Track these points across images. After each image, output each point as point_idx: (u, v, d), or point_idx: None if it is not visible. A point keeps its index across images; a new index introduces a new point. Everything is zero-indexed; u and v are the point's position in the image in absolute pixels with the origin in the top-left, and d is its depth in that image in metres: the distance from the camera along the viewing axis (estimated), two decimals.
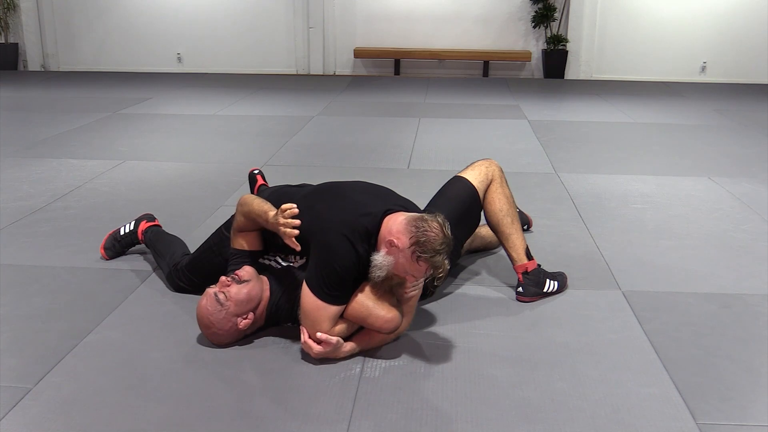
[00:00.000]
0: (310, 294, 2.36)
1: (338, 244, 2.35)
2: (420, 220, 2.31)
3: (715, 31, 9.75)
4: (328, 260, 2.35)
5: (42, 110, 7.15)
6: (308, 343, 2.37)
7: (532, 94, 8.50)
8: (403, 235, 2.29)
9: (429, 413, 2.13)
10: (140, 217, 3.36)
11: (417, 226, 2.29)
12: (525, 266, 2.89)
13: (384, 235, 2.35)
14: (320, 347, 2.35)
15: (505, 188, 2.95)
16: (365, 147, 5.65)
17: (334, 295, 2.36)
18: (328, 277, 2.34)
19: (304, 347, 2.40)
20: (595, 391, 2.26)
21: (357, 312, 2.40)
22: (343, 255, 2.35)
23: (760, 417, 2.15)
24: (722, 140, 6.03)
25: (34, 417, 2.10)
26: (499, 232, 2.93)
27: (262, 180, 3.69)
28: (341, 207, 2.48)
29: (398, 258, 2.31)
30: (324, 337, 2.34)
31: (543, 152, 5.51)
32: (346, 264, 2.35)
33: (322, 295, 2.35)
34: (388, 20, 10.18)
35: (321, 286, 2.35)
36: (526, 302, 2.89)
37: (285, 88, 8.93)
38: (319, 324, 2.35)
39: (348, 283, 2.38)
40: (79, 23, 10.47)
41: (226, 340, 2.49)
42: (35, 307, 2.80)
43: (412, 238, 2.27)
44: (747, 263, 3.33)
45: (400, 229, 2.31)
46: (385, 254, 2.33)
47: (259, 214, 2.50)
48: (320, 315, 2.35)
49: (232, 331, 2.46)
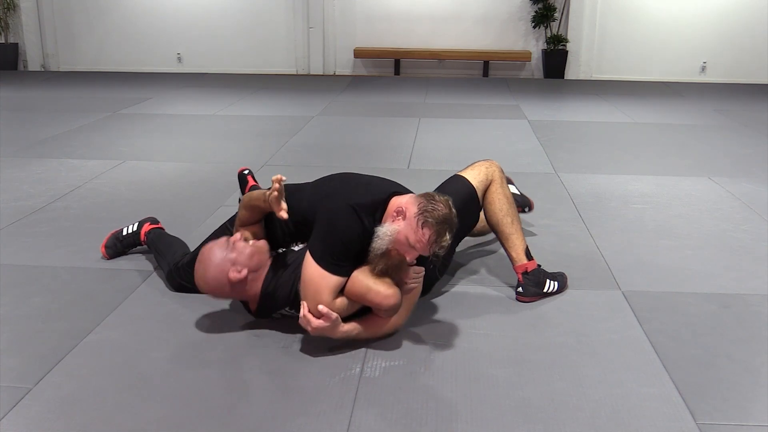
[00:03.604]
0: (312, 263, 2.36)
1: (344, 214, 2.38)
2: (428, 195, 2.42)
3: (715, 31, 9.75)
4: (333, 230, 2.37)
5: (42, 110, 7.15)
6: (307, 316, 2.33)
7: (532, 94, 8.50)
8: (411, 205, 2.39)
9: (429, 413, 2.13)
10: (144, 219, 3.37)
11: (425, 198, 2.40)
12: (525, 266, 2.89)
13: (391, 210, 2.42)
14: (319, 322, 2.32)
15: (506, 189, 2.95)
16: (365, 147, 5.65)
17: (337, 265, 2.35)
18: (333, 246, 2.35)
19: (301, 322, 2.35)
20: (595, 391, 2.26)
21: (356, 288, 2.39)
22: (348, 224, 2.37)
23: (760, 417, 2.15)
24: (722, 140, 6.03)
25: (34, 417, 2.10)
26: (499, 232, 2.93)
27: (252, 181, 3.71)
28: (348, 185, 2.56)
29: (403, 227, 2.35)
30: (324, 310, 2.30)
31: (543, 152, 5.51)
32: (351, 234, 2.37)
33: (326, 264, 2.34)
34: (388, 20, 10.18)
35: (325, 254, 2.35)
36: (526, 302, 2.89)
37: (285, 88, 8.93)
38: (320, 294, 2.34)
39: (351, 255, 2.39)
40: (79, 23, 10.48)
41: (211, 283, 2.44)
42: (35, 307, 2.80)
43: (420, 206, 2.36)
44: (747, 263, 3.33)
45: (408, 201, 2.42)
46: (389, 225, 2.38)
47: (258, 196, 2.53)
48: (322, 285, 2.34)
49: (220, 277, 2.43)
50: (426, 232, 2.33)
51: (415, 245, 2.35)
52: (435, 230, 2.33)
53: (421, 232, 2.33)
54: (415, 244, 2.35)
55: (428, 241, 2.34)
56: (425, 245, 2.35)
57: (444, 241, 2.36)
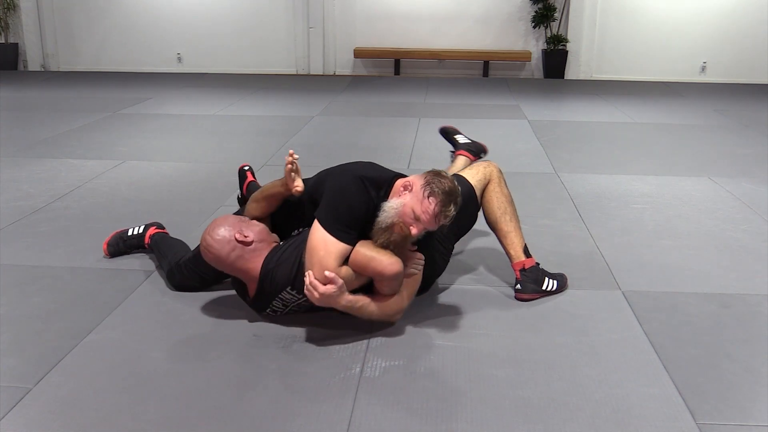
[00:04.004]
0: (320, 229, 2.42)
1: (353, 184, 2.49)
2: (434, 171, 2.55)
3: (715, 31, 9.75)
4: (342, 198, 2.46)
5: (42, 110, 7.15)
6: (313, 283, 2.36)
7: (532, 94, 8.50)
8: (418, 179, 2.51)
9: (429, 413, 2.13)
10: (151, 223, 3.37)
11: (431, 173, 2.52)
12: (522, 263, 2.90)
13: (397, 187, 2.53)
14: (325, 288, 2.35)
15: (504, 188, 2.97)
16: (365, 147, 5.65)
17: (344, 232, 2.42)
18: (340, 213, 2.43)
19: (307, 291, 2.38)
20: (595, 391, 2.26)
21: (359, 258, 2.44)
22: (356, 193, 2.47)
23: (760, 417, 2.15)
24: (722, 140, 6.03)
25: (34, 417, 2.10)
26: (498, 230, 2.95)
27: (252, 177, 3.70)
28: (354, 164, 2.69)
29: (409, 200, 2.45)
30: (331, 275, 2.34)
31: (543, 152, 5.51)
32: (358, 202, 2.46)
33: (334, 230, 2.41)
34: (388, 20, 10.18)
35: (333, 221, 2.42)
36: (525, 300, 2.89)
37: (285, 88, 8.93)
38: (326, 260, 2.38)
39: (358, 224, 2.46)
40: (79, 23, 10.47)
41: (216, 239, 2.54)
42: (35, 307, 2.80)
43: (426, 179, 2.48)
44: (747, 263, 3.33)
45: (414, 177, 2.55)
46: (396, 199, 2.47)
47: (272, 183, 2.66)
48: (329, 250, 2.39)
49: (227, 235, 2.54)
50: (432, 201, 2.42)
51: (421, 216, 2.43)
52: (440, 200, 2.42)
53: (426, 202, 2.42)
54: (420, 215, 2.42)
55: (433, 211, 2.42)
56: (430, 216, 2.43)
57: (449, 211, 2.45)
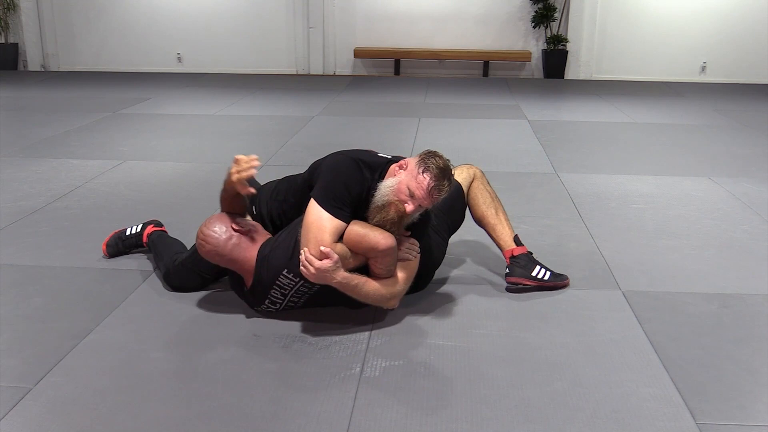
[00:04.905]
0: (316, 206, 2.47)
1: (348, 164, 2.56)
2: (428, 150, 2.59)
3: (715, 31, 9.75)
4: (338, 176, 2.52)
5: (42, 110, 7.15)
6: (309, 258, 2.40)
7: (532, 94, 8.50)
8: (412, 159, 2.57)
9: (429, 413, 2.13)
10: (148, 221, 3.37)
11: (426, 152, 2.57)
12: (512, 251, 2.97)
13: (392, 169, 2.58)
14: (321, 263, 2.38)
15: (487, 185, 3.09)
16: (365, 147, 5.63)
17: (339, 208, 2.47)
18: (336, 190, 2.48)
19: (303, 268, 2.42)
20: (595, 391, 2.26)
21: (353, 235, 2.48)
22: (352, 173, 2.53)
23: (760, 417, 2.15)
24: (722, 140, 6.03)
25: (34, 417, 2.10)
26: (485, 224, 3.03)
27: None
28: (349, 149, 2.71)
29: (404, 177, 2.50)
30: (326, 250, 2.39)
31: (543, 152, 5.51)
32: (353, 180, 2.52)
33: (330, 207, 2.46)
34: (388, 20, 10.18)
35: (329, 198, 2.47)
36: (514, 284, 2.93)
37: (285, 88, 8.93)
38: (322, 235, 2.42)
39: (352, 201, 2.51)
40: (79, 23, 10.47)
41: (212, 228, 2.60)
42: (35, 307, 2.80)
43: (421, 157, 2.54)
44: (747, 263, 3.33)
45: (409, 158, 2.60)
46: (391, 179, 2.52)
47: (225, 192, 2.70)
48: (325, 226, 2.43)
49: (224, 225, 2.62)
50: (426, 176, 2.47)
51: (416, 192, 2.47)
52: (434, 174, 2.47)
53: (421, 177, 2.47)
54: (415, 191, 2.47)
55: (428, 185, 2.46)
56: (425, 192, 2.47)
57: (443, 186, 2.50)
